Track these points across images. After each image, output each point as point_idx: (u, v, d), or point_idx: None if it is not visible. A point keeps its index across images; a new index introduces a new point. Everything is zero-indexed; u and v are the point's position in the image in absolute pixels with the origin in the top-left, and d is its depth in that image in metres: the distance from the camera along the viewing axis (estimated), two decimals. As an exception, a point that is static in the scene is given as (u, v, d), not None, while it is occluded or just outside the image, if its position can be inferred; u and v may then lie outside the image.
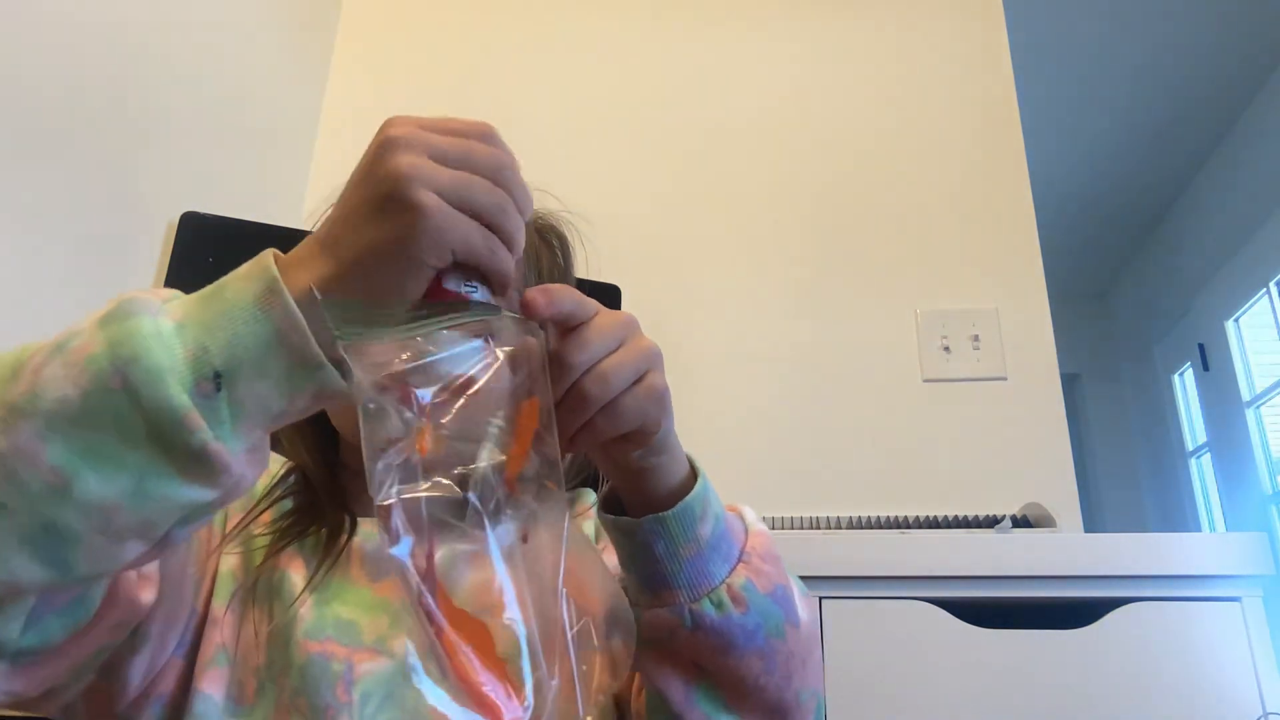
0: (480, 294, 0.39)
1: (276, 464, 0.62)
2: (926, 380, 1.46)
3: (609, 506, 0.49)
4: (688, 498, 0.47)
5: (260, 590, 0.54)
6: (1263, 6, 2.44)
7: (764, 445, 1.45)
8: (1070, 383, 3.89)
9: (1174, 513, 3.49)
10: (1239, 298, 2.96)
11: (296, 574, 0.55)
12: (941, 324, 1.48)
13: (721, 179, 1.63)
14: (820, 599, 0.95)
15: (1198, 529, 3.26)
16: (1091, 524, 1.71)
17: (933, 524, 1.24)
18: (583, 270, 0.77)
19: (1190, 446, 3.41)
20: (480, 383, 0.38)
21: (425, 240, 0.36)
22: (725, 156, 1.65)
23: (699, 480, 0.49)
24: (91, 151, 1.14)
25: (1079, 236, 3.61)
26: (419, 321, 0.37)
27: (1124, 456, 3.86)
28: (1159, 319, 3.61)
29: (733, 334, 1.52)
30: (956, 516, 1.24)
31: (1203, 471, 3.33)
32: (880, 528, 1.24)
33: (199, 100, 1.36)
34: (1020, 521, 1.19)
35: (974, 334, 1.47)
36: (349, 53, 1.79)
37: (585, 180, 1.63)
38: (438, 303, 0.38)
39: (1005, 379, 1.44)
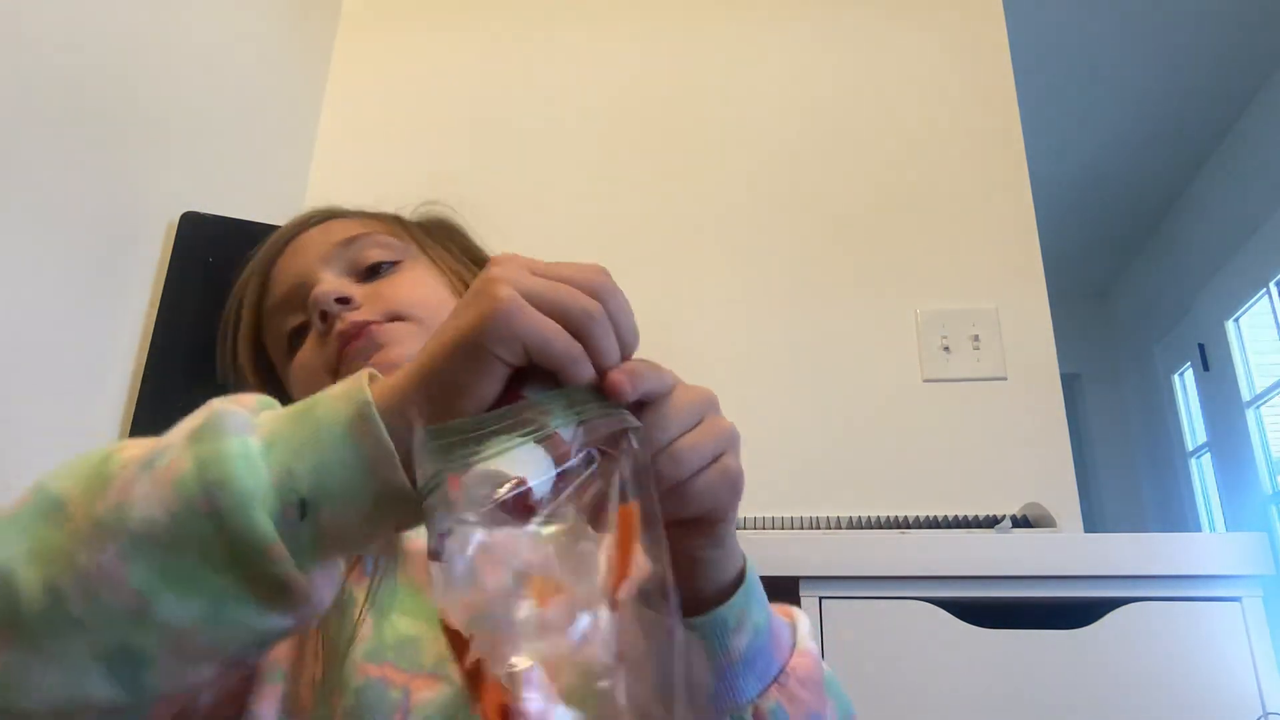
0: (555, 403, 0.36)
1: None
2: (926, 380, 1.46)
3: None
4: (721, 609, 0.44)
5: None
6: (1263, 7, 2.44)
7: (764, 445, 1.45)
8: (1070, 383, 3.89)
9: (1174, 513, 3.49)
10: (1239, 298, 2.96)
11: (354, 583, 0.53)
12: (941, 324, 1.48)
13: (721, 179, 1.63)
14: (820, 599, 0.95)
15: (1198, 529, 3.26)
16: (1091, 524, 1.71)
17: (933, 524, 1.23)
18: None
19: (1190, 446, 3.41)
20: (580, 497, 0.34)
21: (496, 327, 0.34)
22: (724, 156, 1.65)
23: (741, 590, 0.45)
24: (91, 151, 1.14)
25: (1079, 236, 3.61)
26: (493, 427, 0.34)
27: (1124, 456, 3.86)
28: (1159, 319, 3.61)
29: (732, 334, 1.52)
30: (956, 516, 1.24)
31: (1203, 471, 3.33)
32: (880, 528, 1.24)
33: (199, 100, 1.36)
34: (1020, 521, 1.19)
35: (974, 334, 1.47)
36: (349, 53, 1.79)
37: (585, 180, 1.64)
38: (516, 405, 0.35)
39: (1005, 379, 1.44)
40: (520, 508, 0.33)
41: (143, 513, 0.33)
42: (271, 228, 1.30)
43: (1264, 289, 2.82)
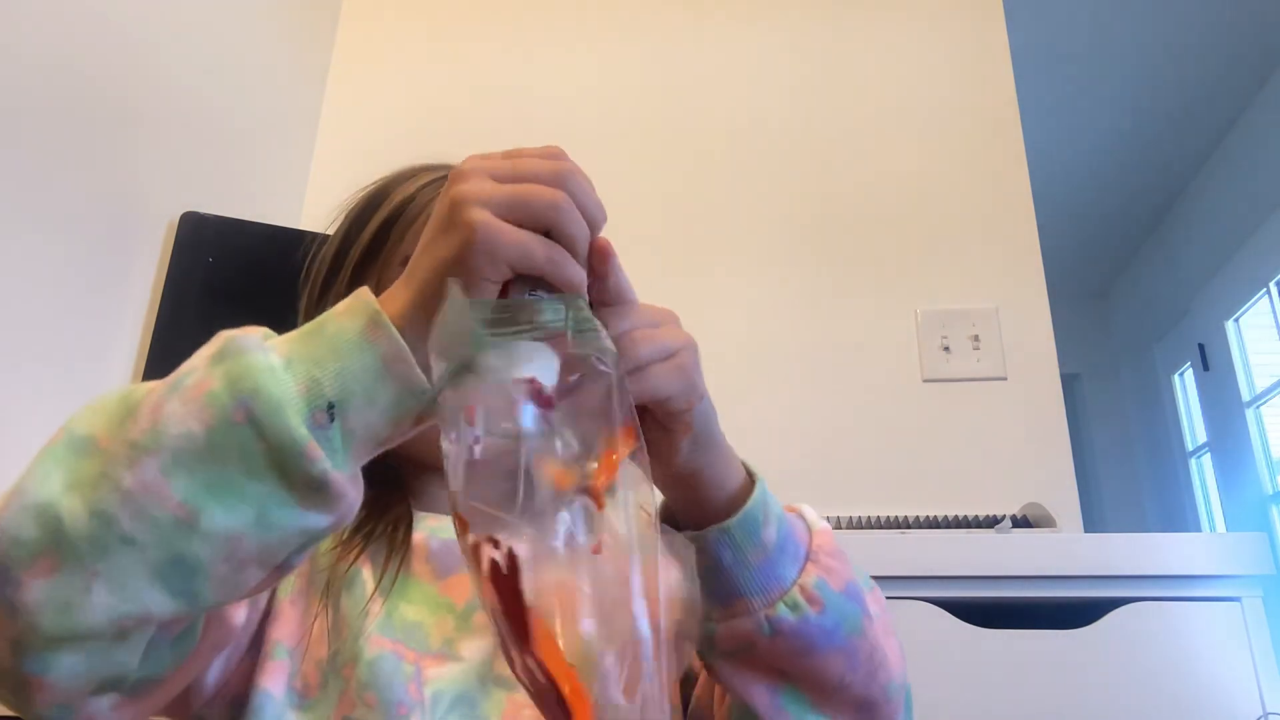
0: (543, 300, 0.40)
1: None
2: (926, 380, 1.46)
3: (668, 522, 0.48)
4: (749, 504, 0.46)
5: (326, 583, 0.54)
6: (1263, 7, 2.44)
7: (764, 445, 1.45)
8: (1070, 383, 3.89)
9: (1174, 513, 3.49)
10: (1239, 298, 2.96)
11: (365, 568, 0.55)
12: (941, 324, 1.48)
13: (722, 179, 1.63)
14: (820, 599, 0.95)
15: (1198, 529, 3.26)
16: (1091, 524, 1.70)
17: (933, 524, 1.23)
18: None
19: (1190, 446, 3.41)
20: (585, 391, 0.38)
21: (479, 254, 0.38)
22: (726, 157, 1.65)
23: (758, 484, 0.48)
24: (91, 151, 1.14)
25: (1079, 236, 3.61)
26: (502, 327, 0.38)
27: (1124, 456, 3.86)
28: (1159, 319, 3.61)
29: (733, 334, 1.52)
30: (956, 516, 1.24)
31: (1203, 471, 3.33)
32: (880, 528, 1.24)
33: (199, 100, 1.36)
34: (1020, 521, 1.19)
35: (974, 334, 1.47)
36: (349, 53, 1.79)
37: (585, 180, 1.63)
38: (513, 301, 0.39)
39: (1005, 379, 1.44)
40: (536, 398, 0.37)
41: (178, 429, 0.35)
42: (271, 228, 1.30)
43: (1264, 289, 2.82)
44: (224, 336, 0.38)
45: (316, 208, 0.68)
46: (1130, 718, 0.88)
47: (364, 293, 0.39)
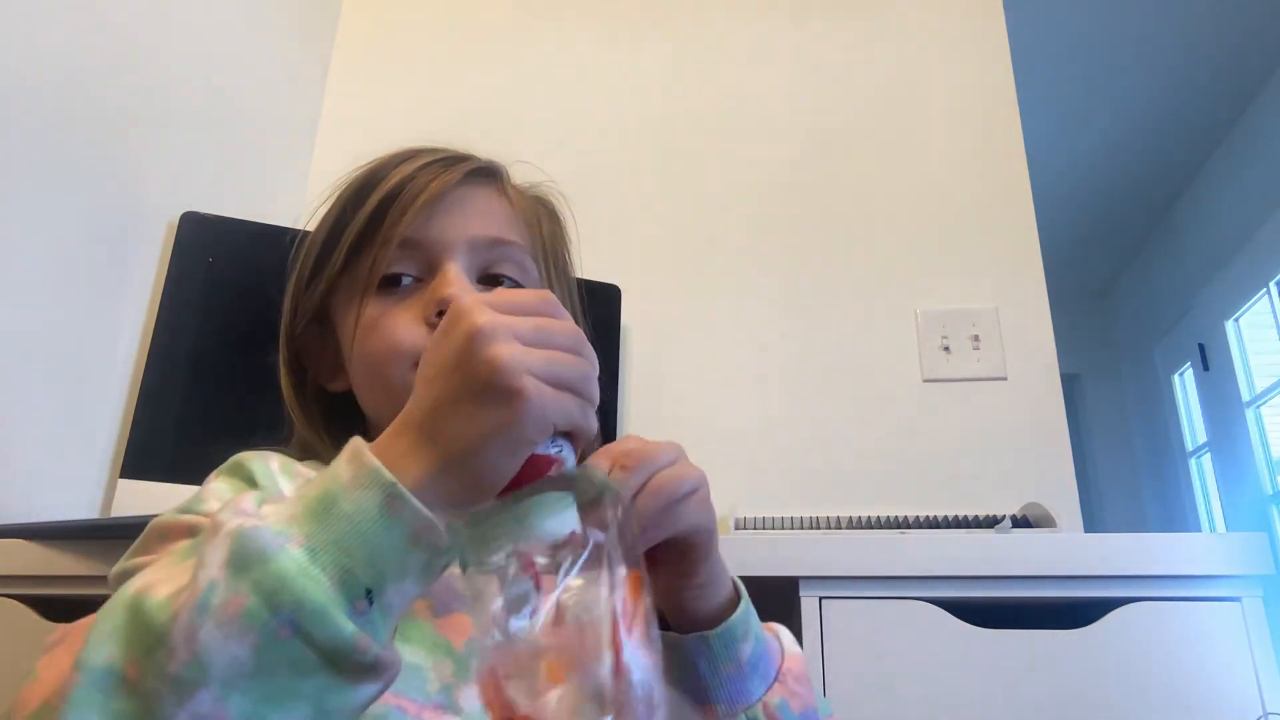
0: (566, 450, 0.43)
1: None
2: (926, 380, 1.46)
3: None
4: (731, 620, 0.50)
5: None
6: (1263, 6, 2.44)
7: (764, 445, 1.45)
8: (1070, 383, 3.89)
9: (1174, 513, 3.49)
10: (1239, 298, 2.96)
11: None
12: (941, 324, 1.48)
13: (721, 178, 1.63)
14: (820, 599, 0.95)
15: (1198, 529, 3.26)
16: (1091, 524, 1.70)
17: (933, 524, 1.23)
18: (583, 269, 0.77)
19: (1190, 446, 3.41)
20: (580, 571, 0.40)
21: (531, 422, 0.39)
22: (725, 156, 1.65)
23: (742, 604, 0.52)
24: (91, 151, 1.14)
25: (1079, 236, 3.61)
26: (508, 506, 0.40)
27: (1124, 456, 3.86)
28: (1159, 319, 3.61)
29: (732, 334, 1.52)
30: (956, 516, 1.24)
31: (1203, 471, 3.33)
32: (880, 528, 1.24)
33: (199, 100, 1.36)
34: (1020, 521, 1.19)
35: (974, 334, 1.47)
36: (348, 53, 1.79)
37: (585, 180, 1.63)
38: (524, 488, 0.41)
39: (1005, 379, 1.44)
40: (547, 575, 0.39)
41: (223, 656, 0.34)
42: (271, 228, 1.30)
43: (1264, 289, 2.82)
44: (233, 534, 0.37)
45: (316, 208, 0.67)
46: (1130, 718, 0.88)
47: (366, 456, 0.39)
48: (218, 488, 0.54)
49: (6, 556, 0.91)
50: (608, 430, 1.34)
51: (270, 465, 0.57)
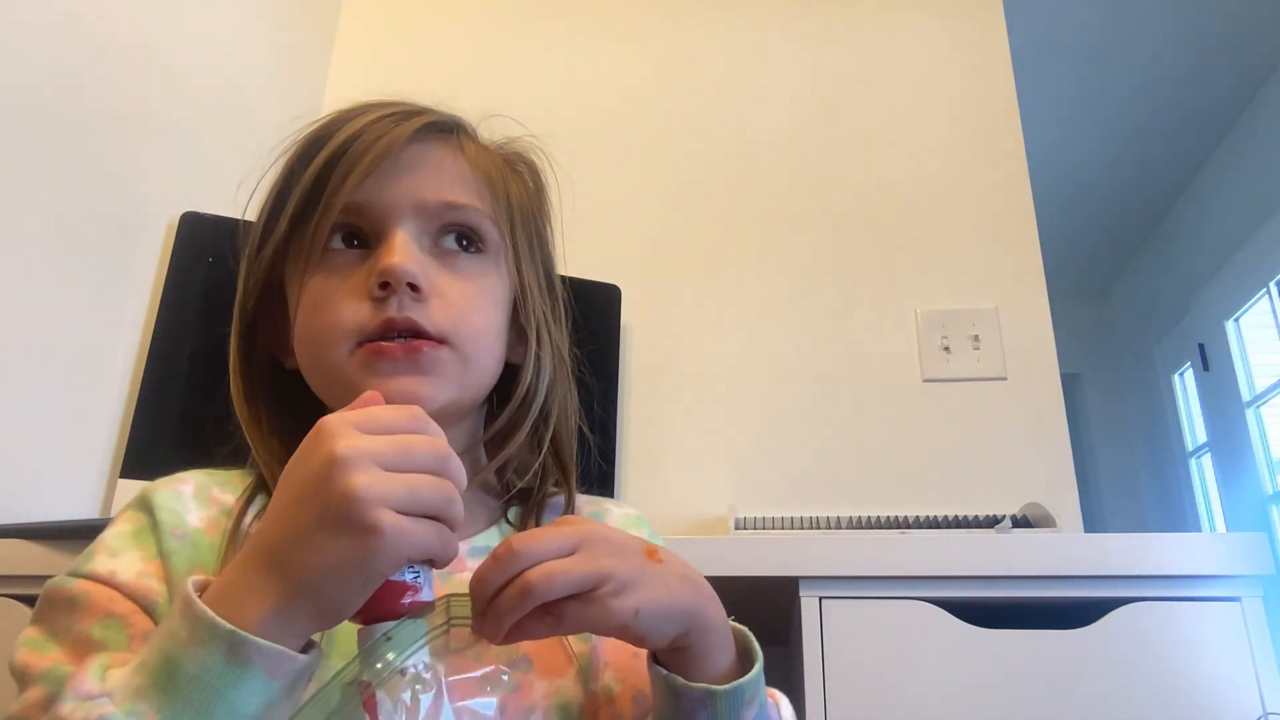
0: (424, 575, 0.42)
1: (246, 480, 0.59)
2: (926, 380, 1.46)
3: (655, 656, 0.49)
4: (741, 681, 0.47)
5: None
6: (1262, 7, 2.44)
7: (764, 445, 1.45)
8: (1070, 383, 3.89)
9: (1174, 513, 3.48)
10: (1239, 298, 2.96)
11: None
12: (941, 324, 1.48)
13: (721, 179, 1.63)
14: (820, 599, 0.95)
15: (1198, 529, 3.26)
16: (1091, 524, 1.71)
17: (933, 524, 1.23)
18: (583, 269, 0.77)
19: (1190, 446, 3.41)
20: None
21: (386, 557, 0.38)
22: (725, 156, 1.65)
23: (756, 667, 0.49)
24: (91, 151, 1.14)
25: (1079, 236, 3.61)
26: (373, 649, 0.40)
27: (1124, 456, 3.86)
28: (1159, 319, 3.61)
29: (732, 334, 1.52)
30: (956, 516, 1.24)
31: (1203, 471, 3.33)
32: (880, 528, 1.24)
33: (199, 100, 1.36)
34: (1020, 521, 1.19)
35: (974, 334, 1.47)
36: (349, 53, 1.79)
37: (585, 180, 1.63)
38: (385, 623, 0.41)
39: (1005, 379, 1.44)
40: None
41: None
42: (271, 228, 1.30)
43: (1264, 289, 2.82)
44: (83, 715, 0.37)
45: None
46: (1130, 718, 0.88)
47: (195, 604, 0.38)
48: (109, 539, 0.53)
49: (6, 556, 0.91)
50: (608, 431, 1.34)
51: (182, 491, 0.56)
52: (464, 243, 0.60)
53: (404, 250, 0.55)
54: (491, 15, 1.80)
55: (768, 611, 1.06)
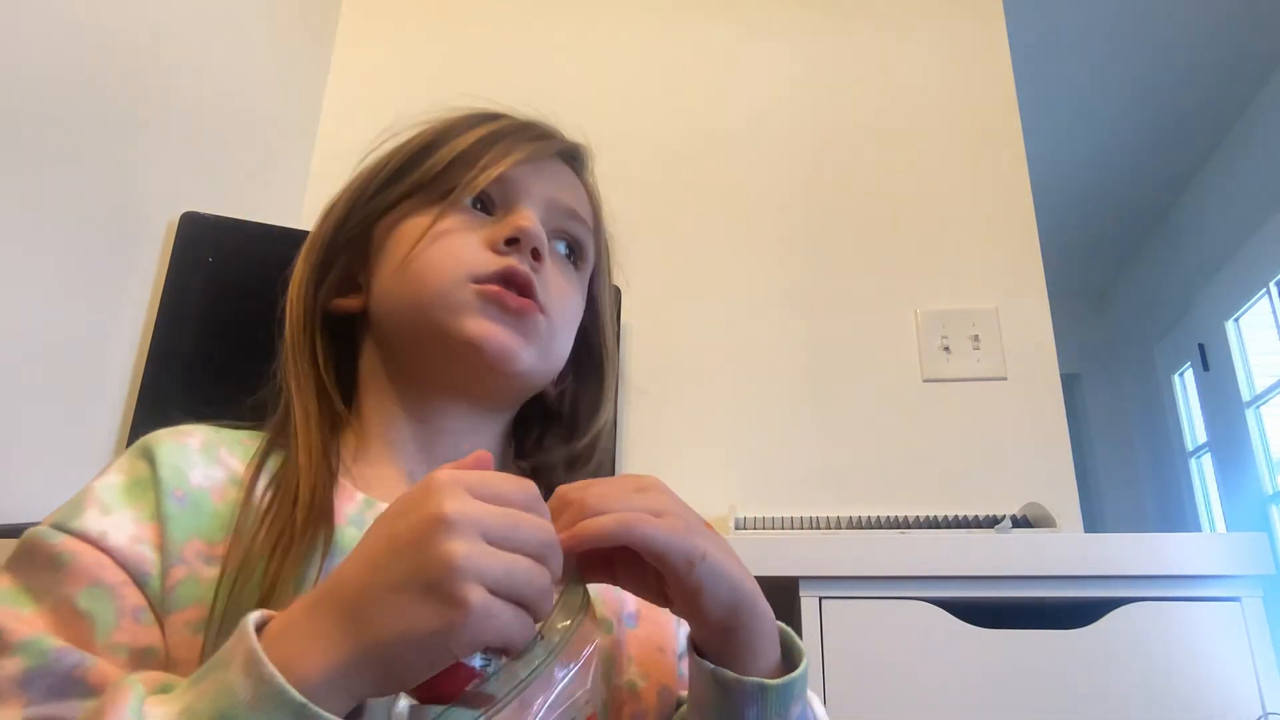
0: (494, 665, 0.39)
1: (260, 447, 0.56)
2: (926, 380, 1.46)
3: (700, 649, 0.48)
4: (793, 675, 0.47)
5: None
6: (1262, 7, 2.44)
7: (764, 445, 1.45)
8: (1070, 383, 3.89)
9: (1174, 513, 3.49)
10: (1239, 298, 2.96)
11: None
12: (941, 324, 1.48)
13: (721, 178, 1.63)
14: (820, 599, 0.95)
15: (1198, 529, 3.26)
16: (1091, 524, 1.71)
17: (933, 524, 1.24)
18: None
19: (1190, 446, 3.41)
20: None
21: (466, 636, 0.35)
22: (725, 156, 1.65)
23: (803, 664, 0.48)
24: (91, 151, 1.14)
25: (1079, 237, 3.61)
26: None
27: (1124, 456, 3.86)
28: (1159, 319, 3.61)
29: (732, 333, 1.52)
30: (956, 516, 1.24)
31: (1203, 471, 3.33)
32: (880, 528, 1.24)
33: (199, 100, 1.36)
34: (1020, 521, 1.19)
35: (974, 334, 1.47)
36: (349, 53, 1.79)
37: (585, 180, 1.64)
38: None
39: (1005, 379, 1.44)
40: None
41: None
42: (272, 228, 1.30)
43: (1264, 289, 2.82)
44: None
45: (316, 208, 0.67)
46: (1130, 718, 0.88)
47: (263, 662, 0.34)
48: (102, 490, 0.49)
49: (6, 556, 0.91)
50: (608, 431, 1.34)
51: (188, 445, 0.53)
52: (569, 254, 0.65)
53: (534, 220, 0.60)
54: (489, 15, 1.80)
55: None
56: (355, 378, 0.63)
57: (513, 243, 0.58)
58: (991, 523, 1.20)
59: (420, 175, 0.61)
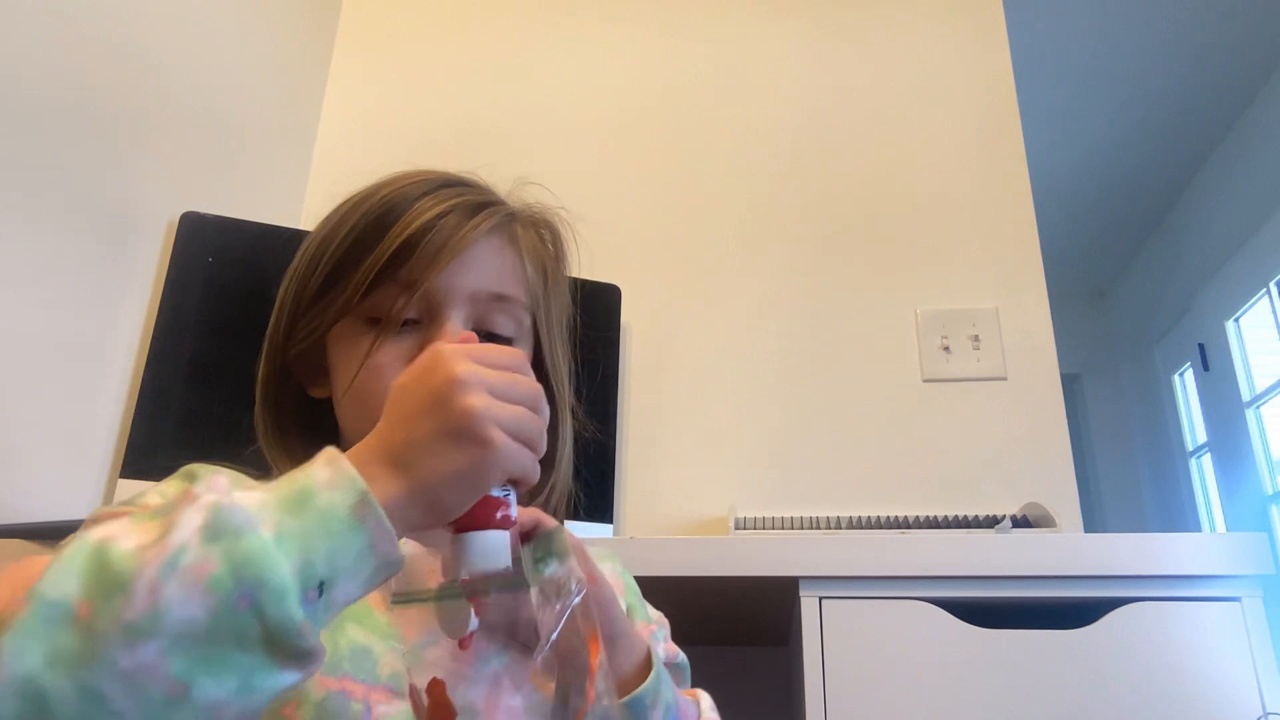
0: (512, 494, 0.49)
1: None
2: (926, 380, 1.46)
3: None
4: (639, 690, 0.53)
5: None
6: (1262, 6, 2.44)
7: (764, 445, 1.45)
8: (1070, 383, 3.90)
9: (1174, 513, 3.48)
10: (1239, 298, 2.96)
11: None
12: (941, 324, 1.48)
13: (721, 179, 1.63)
14: (820, 599, 0.95)
15: (1198, 529, 3.26)
16: (1091, 524, 1.71)
17: (933, 524, 1.24)
18: (582, 270, 0.77)
19: (1190, 446, 3.41)
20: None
21: (494, 469, 0.44)
22: (725, 156, 1.65)
23: (653, 673, 0.54)
24: (92, 151, 1.14)
25: (1079, 236, 3.61)
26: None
27: (1124, 456, 3.86)
28: (1159, 319, 3.61)
29: (732, 333, 1.52)
30: (956, 516, 1.24)
31: (1203, 471, 3.33)
32: (880, 528, 1.24)
33: (199, 100, 1.36)
34: (1020, 521, 1.19)
35: (974, 334, 1.47)
36: (349, 53, 1.79)
37: (585, 180, 1.64)
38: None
39: (1005, 379, 1.44)
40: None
41: (181, 614, 0.36)
42: (272, 228, 1.30)
43: (1264, 289, 2.82)
44: (210, 505, 0.39)
45: (316, 208, 0.67)
46: (1130, 718, 0.88)
47: (344, 463, 0.42)
48: (164, 488, 0.56)
49: (6, 556, 0.91)
50: (608, 431, 1.34)
51: (220, 474, 0.58)
52: (498, 335, 0.66)
53: (459, 329, 0.62)
54: (490, 17, 1.80)
55: (768, 611, 1.06)
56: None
57: None
58: (991, 523, 1.20)
59: (350, 293, 0.61)
